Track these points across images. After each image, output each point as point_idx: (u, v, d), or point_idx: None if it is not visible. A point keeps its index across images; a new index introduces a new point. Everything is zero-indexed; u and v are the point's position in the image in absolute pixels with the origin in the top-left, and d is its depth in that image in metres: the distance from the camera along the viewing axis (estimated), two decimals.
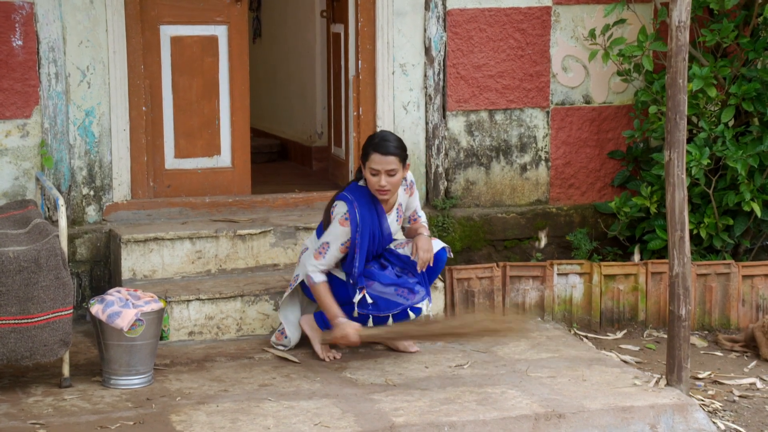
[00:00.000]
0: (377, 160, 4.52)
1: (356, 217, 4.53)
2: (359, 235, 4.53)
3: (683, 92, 4.40)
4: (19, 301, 4.18)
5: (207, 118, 5.70)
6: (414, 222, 4.84)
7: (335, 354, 4.70)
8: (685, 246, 4.43)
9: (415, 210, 4.83)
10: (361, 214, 4.55)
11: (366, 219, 4.56)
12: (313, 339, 4.72)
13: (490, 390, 4.38)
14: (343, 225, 4.54)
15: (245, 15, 5.75)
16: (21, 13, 5.15)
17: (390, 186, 4.54)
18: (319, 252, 4.58)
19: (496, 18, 5.83)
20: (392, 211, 4.72)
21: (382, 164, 4.51)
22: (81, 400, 4.23)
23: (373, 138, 4.61)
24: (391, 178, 4.54)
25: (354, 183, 4.70)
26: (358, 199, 4.57)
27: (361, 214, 4.55)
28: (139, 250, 5.14)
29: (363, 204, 4.57)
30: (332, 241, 4.56)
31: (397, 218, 4.74)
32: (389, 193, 4.57)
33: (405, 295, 4.58)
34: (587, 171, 6.05)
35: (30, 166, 5.26)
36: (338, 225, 4.56)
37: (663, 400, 4.32)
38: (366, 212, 4.57)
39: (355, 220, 4.53)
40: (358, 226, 4.53)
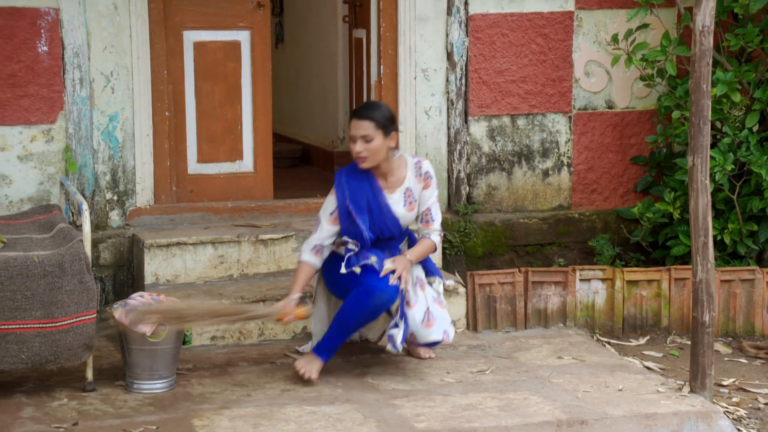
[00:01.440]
0: (353, 124, 4.42)
1: (342, 182, 4.46)
2: (350, 201, 4.44)
3: (707, 97, 4.37)
4: (43, 305, 4.21)
5: (229, 123, 5.72)
6: (426, 224, 4.60)
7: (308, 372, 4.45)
8: (708, 252, 4.40)
9: (429, 208, 4.58)
10: (349, 182, 4.46)
11: (354, 187, 4.46)
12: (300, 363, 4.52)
13: (512, 396, 4.37)
14: (331, 194, 4.50)
15: (268, 20, 5.78)
16: (47, 19, 5.20)
17: (367, 153, 4.40)
18: (314, 228, 4.55)
19: (519, 23, 5.82)
20: (396, 192, 4.53)
21: (357, 129, 4.40)
22: (104, 404, 4.25)
23: (359, 106, 4.56)
24: (368, 144, 4.39)
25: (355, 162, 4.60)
26: (350, 171, 4.52)
27: (349, 182, 4.47)
28: (161, 254, 5.16)
29: (353, 174, 4.49)
30: (322, 213, 4.51)
31: (404, 203, 4.54)
32: (367, 161, 4.41)
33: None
34: (610, 176, 6.03)
35: (54, 171, 5.30)
36: (327, 197, 4.53)
37: (687, 407, 4.30)
38: (355, 181, 4.47)
39: (341, 187, 4.46)
40: (346, 193, 4.45)
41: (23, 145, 5.25)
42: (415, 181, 4.58)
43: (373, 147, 4.43)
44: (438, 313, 4.60)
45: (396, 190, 4.56)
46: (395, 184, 4.56)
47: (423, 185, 4.59)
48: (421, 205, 4.61)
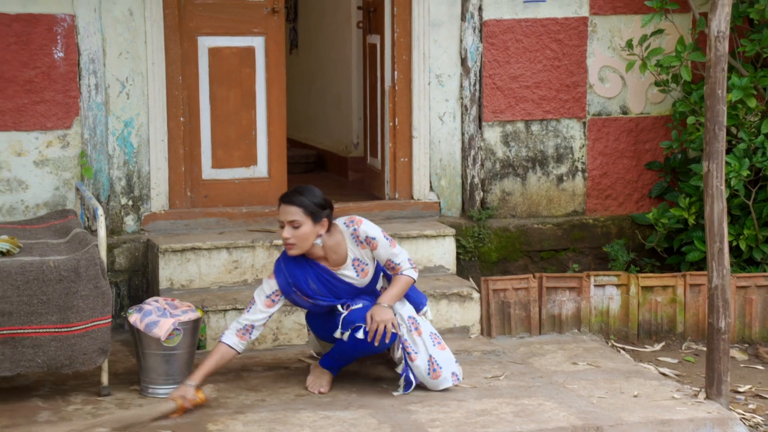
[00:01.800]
0: (281, 209, 4.29)
1: (282, 269, 4.32)
2: (293, 284, 4.31)
3: (722, 103, 4.36)
4: (59, 309, 4.22)
5: (244, 128, 5.73)
6: (394, 270, 4.40)
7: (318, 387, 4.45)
8: (724, 258, 4.38)
9: (389, 259, 4.37)
10: (288, 266, 4.32)
11: (295, 270, 4.32)
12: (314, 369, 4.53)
13: (527, 402, 4.36)
14: (270, 278, 4.36)
15: (282, 26, 5.79)
16: (63, 25, 5.22)
17: (295, 240, 4.23)
18: (246, 308, 4.39)
19: (533, 29, 5.82)
20: (343, 268, 4.37)
21: (284, 214, 4.26)
22: (119, 409, 4.26)
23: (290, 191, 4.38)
24: (296, 230, 4.23)
25: None
26: (286, 257, 4.35)
27: (288, 266, 4.32)
28: (176, 259, 5.18)
29: (291, 260, 4.33)
30: (257, 295, 4.36)
31: (358, 273, 4.39)
32: (295, 248, 4.25)
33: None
34: (624, 182, 6.01)
35: (70, 176, 5.32)
36: (265, 280, 4.37)
37: (702, 413, 4.28)
38: (295, 266, 4.33)
39: (281, 271, 4.32)
40: (287, 277, 4.31)
41: (39, 151, 5.27)
42: (358, 249, 4.39)
43: (301, 234, 4.25)
44: (442, 359, 4.44)
45: (342, 266, 4.38)
46: (339, 262, 4.38)
47: (369, 248, 4.38)
48: (379, 261, 4.42)
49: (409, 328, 4.44)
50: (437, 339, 4.49)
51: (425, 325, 4.50)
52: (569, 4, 5.85)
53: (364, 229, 4.36)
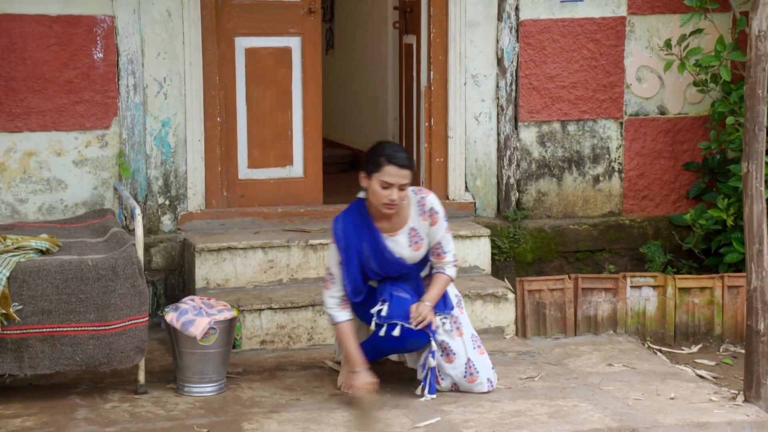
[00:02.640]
0: (392, 172, 4.18)
1: (338, 232, 4.29)
2: (343, 252, 4.27)
3: (763, 103, 4.32)
4: (97, 308, 4.27)
5: (280, 128, 5.76)
6: (438, 258, 4.39)
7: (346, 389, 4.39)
8: (763, 259, 4.34)
9: (439, 243, 4.36)
10: (344, 229, 4.28)
11: (350, 235, 4.28)
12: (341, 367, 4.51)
13: (562, 403, 4.34)
14: (332, 243, 4.33)
15: (318, 26, 5.81)
16: (102, 26, 5.28)
17: (399, 201, 4.21)
18: (326, 280, 4.34)
19: (570, 28, 5.79)
20: (398, 234, 4.33)
21: (396, 177, 4.18)
22: (156, 407, 4.30)
23: (383, 148, 4.27)
24: (402, 192, 4.22)
25: (355, 201, 4.39)
26: (347, 215, 4.31)
27: (345, 228, 4.28)
28: (212, 259, 5.21)
29: (349, 220, 4.30)
30: (331, 264, 4.32)
31: (410, 244, 4.34)
32: (395, 208, 4.23)
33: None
34: (661, 182, 5.97)
35: (108, 176, 5.38)
36: (330, 245, 4.34)
37: (741, 416, 4.23)
38: (351, 228, 4.28)
39: (337, 235, 4.29)
40: (341, 242, 4.28)
41: (78, 151, 5.33)
42: (419, 219, 4.35)
43: (404, 195, 4.25)
44: (480, 364, 4.42)
45: (398, 232, 4.33)
46: (398, 225, 4.33)
47: (429, 222, 4.34)
48: (431, 241, 4.38)
49: (450, 328, 4.42)
50: (477, 342, 4.48)
51: (467, 326, 4.48)
52: (607, 4, 5.81)
53: (431, 200, 4.36)
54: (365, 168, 4.30)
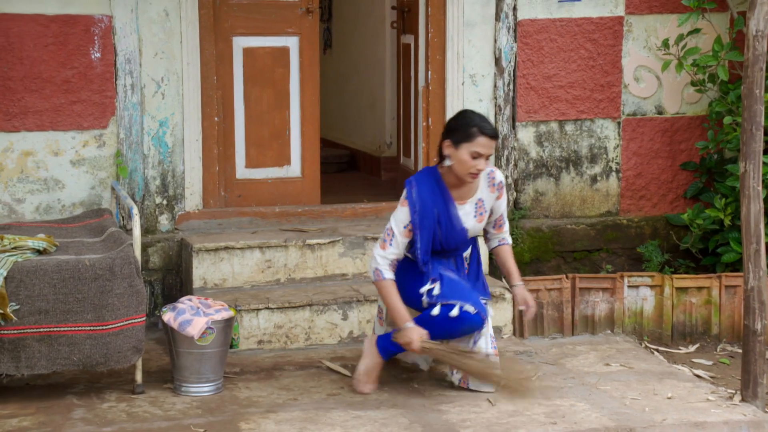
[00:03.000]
0: (484, 143, 4.24)
1: (413, 195, 4.29)
2: (418, 215, 4.28)
3: (760, 102, 4.32)
4: (94, 308, 4.27)
5: (278, 128, 5.76)
6: (499, 229, 4.55)
7: (363, 389, 4.41)
8: (760, 259, 4.34)
9: (502, 215, 4.53)
10: (420, 193, 4.30)
11: (426, 199, 4.30)
12: (363, 358, 4.47)
13: (559, 402, 4.34)
14: (403, 205, 4.31)
15: (316, 26, 5.81)
16: (100, 26, 5.28)
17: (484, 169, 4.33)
18: (384, 240, 4.30)
19: (567, 28, 5.79)
20: (467, 204, 4.40)
21: (487, 148, 4.25)
22: (153, 407, 4.30)
23: (472, 118, 4.30)
24: (487, 161, 4.31)
25: (426, 168, 4.45)
26: (422, 180, 4.33)
27: (420, 192, 4.30)
28: (210, 258, 5.21)
29: (425, 184, 4.32)
30: (395, 225, 4.30)
31: (475, 214, 4.42)
32: (477, 177, 4.32)
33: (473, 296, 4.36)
34: (659, 182, 5.97)
35: (106, 175, 5.38)
36: (399, 207, 4.31)
37: (738, 416, 4.24)
38: (427, 193, 4.31)
39: (412, 199, 4.29)
40: (416, 205, 4.29)
41: (76, 150, 5.33)
42: (488, 191, 4.46)
43: (487, 163, 4.36)
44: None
45: (467, 200, 4.41)
46: (467, 194, 4.41)
47: (496, 195, 4.47)
48: (494, 214, 4.52)
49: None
50: (494, 343, 4.50)
51: (489, 323, 4.49)
52: (604, 4, 5.81)
53: (500, 175, 4.49)
54: (451, 137, 4.31)
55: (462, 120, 4.34)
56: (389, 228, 4.33)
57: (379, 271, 4.31)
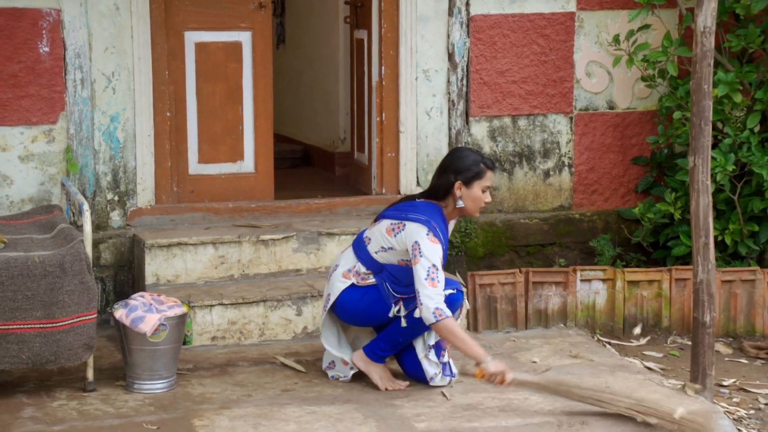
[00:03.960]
0: (490, 176, 4.42)
1: (439, 234, 4.32)
2: (444, 251, 4.33)
3: (708, 98, 4.37)
4: (44, 305, 4.21)
5: (230, 123, 5.72)
6: None
7: (399, 385, 4.44)
8: (709, 252, 4.40)
9: None
10: (443, 232, 4.38)
11: (445, 235, 4.39)
12: (370, 372, 4.46)
13: (513, 396, 4.36)
14: (434, 243, 4.28)
15: (269, 21, 5.78)
16: (48, 20, 5.20)
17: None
18: (432, 279, 4.20)
19: (520, 24, 5.82)
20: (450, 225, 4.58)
21: (492, 180, 4.46)
22: (105, 404, 4.26)
23: (474, 156, 4.41)
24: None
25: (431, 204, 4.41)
26: (436, 219, 4.36)
27: (442, 230, 4.37)
28: (162, 255, 5.17)
29: (439, 221, 4.37)
30: (435, 261, 4.23)
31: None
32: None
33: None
34: (611, 177, 6.03)
35: (55, 171, 5.30)
36: (430, 244, 4.25)
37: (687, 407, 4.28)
38: (442, 228, 4.38)
39: (440, 237, 4.32)
40: (444, 243, 4.34)
41: (24, 146, 5.25)
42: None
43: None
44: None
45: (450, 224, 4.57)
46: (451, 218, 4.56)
47: None
48: None
49: None
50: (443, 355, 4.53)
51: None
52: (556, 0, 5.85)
53: None
54: (461, 177, 4.36)
55: (467, 160, 4.40)
56: (430, 267, 4.23)
57: (440, 310, 4.18)
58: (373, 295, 4.40)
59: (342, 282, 4.42)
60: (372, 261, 4.41)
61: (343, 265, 4.47)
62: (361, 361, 4.49)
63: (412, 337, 4.43)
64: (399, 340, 4.43)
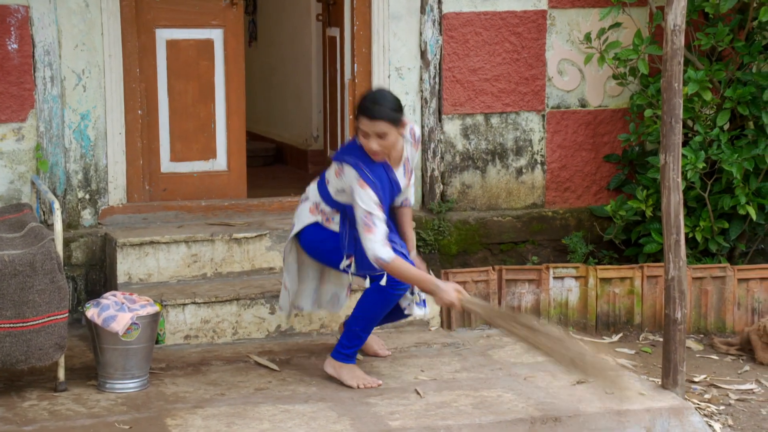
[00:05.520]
0: (366, 123, 4.23)
1: (368, 174, 4.23)
2: (380, 190, 4.25)
3: (678, 96, 4.40)
4: (14, 304, 4.17)
5: (203, 121, 5.69)
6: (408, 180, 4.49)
7: (372, 382, 4.43)
8: (680, 249, 4.43)
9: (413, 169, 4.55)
10: (370, 169, 4.26)
11: (379, 175, 4.29)
12: (341, 375, 4.45)
13: (486, 393, 4.38)
14: (364, 188, 4.21)
15: (241, 18, 5.76)
16: (16, 16, 5.15)
17: (382, 149, 4.27)
18: (367, 225, 4.17)
19: (492, 22, 5.84)
20: (400, 166, 4.44)
21: (371, 128, 4.23)
22: (76, 404, 4.23)
23: (365, 98, 4.28)
24: (383, 140, 4.25)
25: (353, 142, 4.39)
26: (358, 157, 4.27)
27: (370, 169, 4.26)
28: (134, 253, 5.13)
29: (364, 161, 4.27)
30: (368, 206, 4.18)
31: (404, 173, 4.47)
32: (381, 155, 4.28)
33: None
34: (583, 174, 6.06)
35: (25, 169, 5.25)
36: (360, 189, 4.20)
37: (659, 403, 4.32)
38: (370, 167, 4.27)
39: (368, 177, 4.23)
40: (377, 182, 4.25)
41: None
42: (410, 148, 4.48)
43: (389, 143, 4.28)
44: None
45: (399, 164, 4.44)
46: (398, 159, 4.43)
47: (416, 148, 4.50)
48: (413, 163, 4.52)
49: None
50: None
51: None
52: None
53: (417, 129, 4.50)
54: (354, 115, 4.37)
55: (360, 98, 4.35)
56: (364, 213, 4.18)
57: (378, 257, 4.16)
58: (334, 244, 4.41)
59: (308, 217, 4.44)
60: (333, 202, 4.41)
61: (311, 199, 4.50)
62: (330, 367, 4.49)
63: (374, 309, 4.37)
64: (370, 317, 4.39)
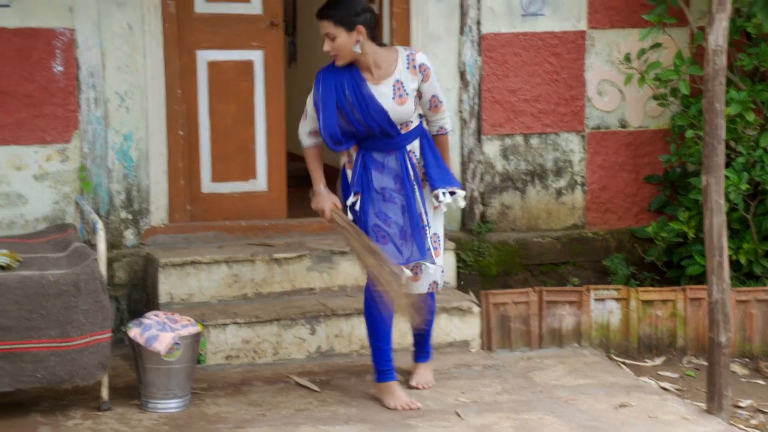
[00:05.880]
0: (322, 25, 4.37)
1: (319, 74, 4.42)
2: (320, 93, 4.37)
3: (721, 116, 4.37)
4: (59, 324, 4.21)
5: (243, 142, 5.73)
6: (435, 109, 4.48)
7: (413, 404, 4.43)
8: (723, 272, 4.38)
9: (435, 95, 4.45)
10: (325, 71, 4.41)
11: (329, 77, 4.38)
12: (381, 397, 4.47)
13: (527, 416, 4.35)
14: (314, 87, 4.43)
15: (281, 40, 5.80)
16: (62, 39, 5.22)
17: (335, 50, 4.32)
18: (303, 114, 4.53)
19: (531, 42, 5.83)
20: (382, 84, 4.36)
21: (321, 29, 4.36)
22: (120, 424, 4.25)
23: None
24: (334, 42, 4.31)
25: None
26: (330, 68, 4.44)
27: (325, 71, 4.41)
28: (176, 273, 5.17)
29: (332, 71, 4.40)
30: (307, 103, 4.48)
31: (393, 96, 4.35)
32: (339, 58, 4.34)
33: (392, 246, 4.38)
34: (623, 195, 6.02)
35: (69, 190, 5.32)
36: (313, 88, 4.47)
37: (703, 428, 4.27)
38: (332, 78, 4.38)
39: (318, 77, 4.42)
40: (319, 84, 4.40)
41: (39, 165, 5.27)
42: (407, 73, 4.38)
43: (338, 45, 4.32)
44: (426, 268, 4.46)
45: (383, 81, 4.37)
46: (382, 77, 4.38)
47: (421, 78, 4.39)
48: (424, 96, 4.44)
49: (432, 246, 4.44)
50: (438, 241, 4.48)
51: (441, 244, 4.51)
52: (567, 18, 5.86)
53: (421, 57, 4.43)
54: None
55: None
56: (305, 109, 4.49)
57: (300, 139, 4.53)
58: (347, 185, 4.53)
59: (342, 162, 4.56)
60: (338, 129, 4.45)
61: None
62: (373, 388, 4.49)
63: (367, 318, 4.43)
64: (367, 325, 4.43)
